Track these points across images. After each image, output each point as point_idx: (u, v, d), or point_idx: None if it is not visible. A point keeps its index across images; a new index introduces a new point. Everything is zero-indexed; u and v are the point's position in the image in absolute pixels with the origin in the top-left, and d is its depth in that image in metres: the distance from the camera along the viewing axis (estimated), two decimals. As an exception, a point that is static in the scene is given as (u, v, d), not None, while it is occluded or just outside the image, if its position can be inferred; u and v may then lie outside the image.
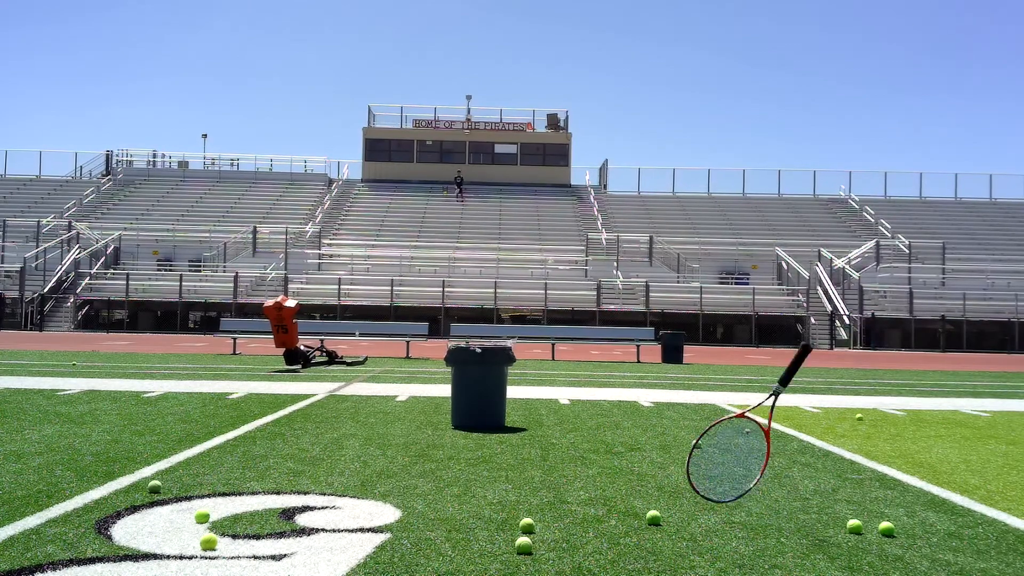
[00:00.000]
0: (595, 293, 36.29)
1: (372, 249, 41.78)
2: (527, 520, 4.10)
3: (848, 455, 6.68)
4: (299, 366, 15.55)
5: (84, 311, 36.10)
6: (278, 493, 4.83)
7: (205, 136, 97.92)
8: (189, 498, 4.64)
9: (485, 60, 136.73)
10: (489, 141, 53.54)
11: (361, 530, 4.06)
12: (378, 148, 53.73)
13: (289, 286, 36.66)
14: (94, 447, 6.22)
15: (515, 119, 54.54)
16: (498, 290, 36.26)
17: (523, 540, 3.78)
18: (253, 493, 4.82)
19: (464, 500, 4.72)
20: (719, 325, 36.90)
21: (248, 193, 49.86)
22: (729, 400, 10.97)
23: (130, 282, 36.36)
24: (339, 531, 4.04)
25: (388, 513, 4.41)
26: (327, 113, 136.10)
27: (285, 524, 4.15)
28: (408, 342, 20.99)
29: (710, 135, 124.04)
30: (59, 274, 37.63)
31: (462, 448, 6.54)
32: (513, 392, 10.94)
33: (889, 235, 43.80)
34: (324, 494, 4.83)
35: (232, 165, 54.05)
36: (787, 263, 39.63)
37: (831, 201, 50.33)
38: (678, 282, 39.10)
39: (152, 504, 4.48)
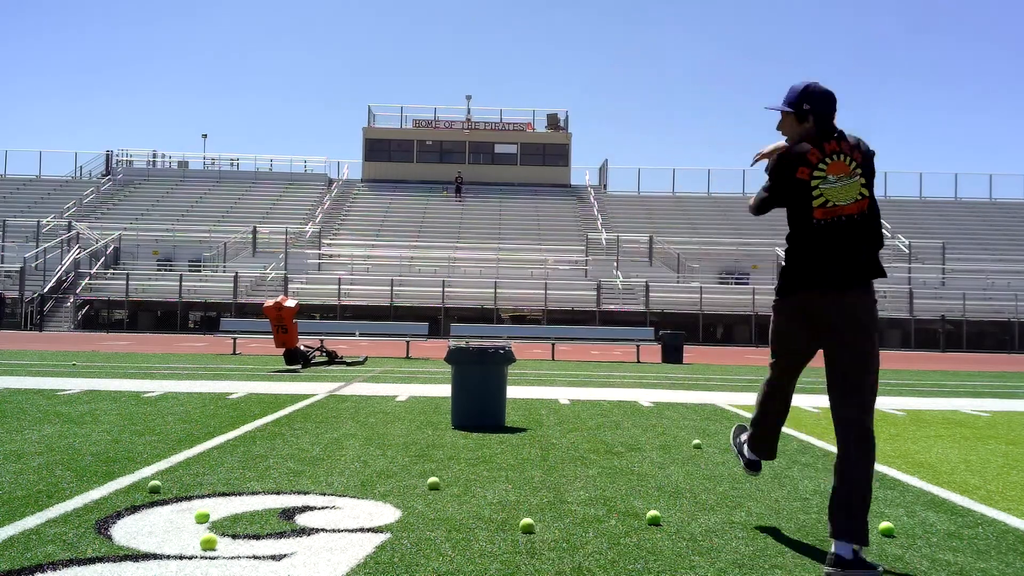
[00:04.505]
0: (595, 293, 36.30)
1: (372, 249, 41.79)
2: (527, 520, 4.11)
3: (848, 455, 6.67)
4: (299, 366, 15.55)
5: (84, 311, 36.11)
6: (278, 493, 4.83)
7: (205, 136, 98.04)
8: (189, 498, 4.64)
9: (485, 60, 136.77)
10: (489, 141, 53.54)
11: (361, 530, 4.06)
12: (378, 148, 53.73)
13: (289, 286, 36.67)
14: (94, 447, 6.22)
15: (515, 119, 54.56)
16: (498, 290, 36.27)
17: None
18: (253, 493, 4.82)
19: (464, 500, 4.72)
20: (719, 325, 36.91)
21: (248, 193, 49.86)
22: (729, 400, 10.97)
23: (130, 282, 36.37)
24: (339, 531, 4.04)
25: (388, 513, 4.41)
26: (327, 113, 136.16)
27: (285, 524, 4.15)
28: (408, 342, 20.99)
29: (710, 135, 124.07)
30: (59, 274, 37.63)
31: (462, 448, 6.54)
32: (513, 392, 10.94)
33: (889, 235, 43.80)
34: (324, 494, 4.83)
35: (232, 165, 54.09)
36: (787, 263, 39.62)
37: (831, 201, 50.30)
38: (678, 282, 39.10)
39: (152, 504, 4.48)
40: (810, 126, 3.83)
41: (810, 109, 3.85)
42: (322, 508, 4.49)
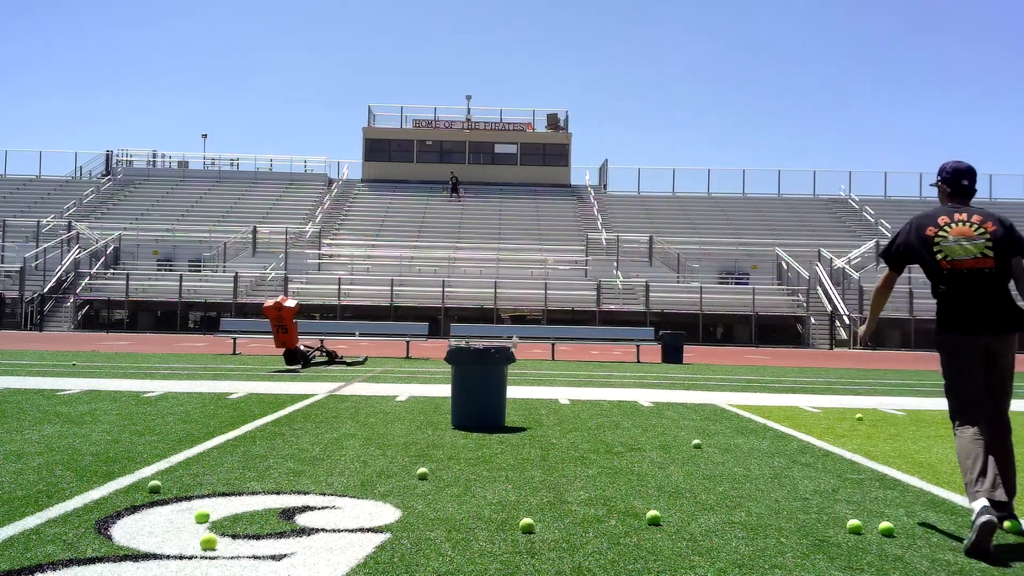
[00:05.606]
0: (595, 293, 36.29)
1: (372, 249, 41.78)
2: (527, 520, 4.11)
3: (848, 455, 6.68)
4: (299, 366, 15.54)
5: (84, 311, 36.10)
6: (278, 493, 4.83)
7: (205, 136, 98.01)
8: (189, 498, 4.64)
9: (485, 60, 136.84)
10: (489, 141, 53.52)
11: (361, 530, 4.06)
12: (378, 148, 53.71)
13: (289, 286, 36.66)
14: (94, 447, 6.22)
15: (515, 119, 54.54)
16: (498, 290, 36.26)
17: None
18: (253, 493, 4.82)
19: (464, 500, 4.72)
20: (719, 325, 36.89)
21: (248, 193, 49.85)
22: (729, 400, 10.97)
23: (130, 282, 36.35)
24: (339, 531, 4.04)
25: (388, 513, 4.41)
26: (327, 113, 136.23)
27: (285, 524, 4.15)
28: (408, 342, 20.99)
29: (710, 135, 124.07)
30: (59, 274, 37.62)
31: (462, 448, 6.54)
32: (513, 392, 10.94)
33: (889, 235, 43.80)
34: (324, 494, 4.83)
35: (232, 165, 54.06)
36: (787, 263, 39.63)
37: (831, 201, 50.33)
38: (678, 282, 39.09)
39: (152, 504, 4.48)
40: None
41: None
42: (322, 508, 4.49)
